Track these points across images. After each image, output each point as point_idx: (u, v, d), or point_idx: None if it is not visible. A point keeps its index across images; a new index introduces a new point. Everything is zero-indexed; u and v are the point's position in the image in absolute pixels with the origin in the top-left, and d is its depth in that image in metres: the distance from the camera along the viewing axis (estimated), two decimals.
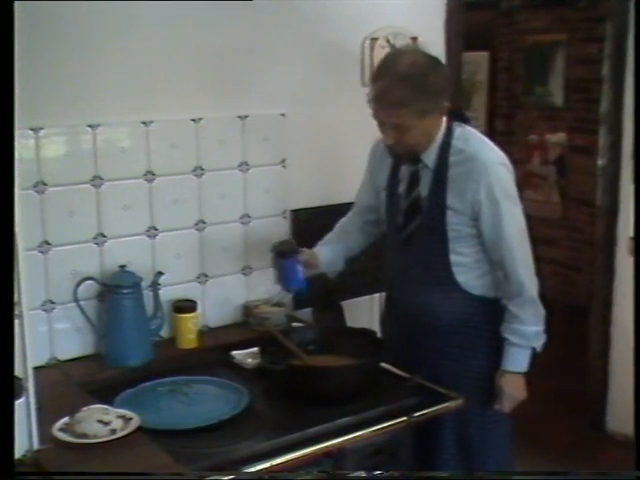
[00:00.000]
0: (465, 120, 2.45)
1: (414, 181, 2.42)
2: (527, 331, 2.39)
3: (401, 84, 2.22)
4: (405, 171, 2.45)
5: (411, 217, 2.43)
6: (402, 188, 2.46)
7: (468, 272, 2.40)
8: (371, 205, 2.61)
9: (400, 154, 2.40)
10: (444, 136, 2.36)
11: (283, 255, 2.50)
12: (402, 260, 2.48)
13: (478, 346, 2.45)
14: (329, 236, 2.66)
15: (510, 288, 2.39)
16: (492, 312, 2.44)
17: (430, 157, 2.36)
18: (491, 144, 2.39)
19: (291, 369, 2.25)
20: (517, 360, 2.41)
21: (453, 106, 2.44)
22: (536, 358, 2.43)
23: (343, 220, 2.70)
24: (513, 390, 2.43)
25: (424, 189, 2.39)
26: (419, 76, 2.24)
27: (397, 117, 2.26)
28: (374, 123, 2.54)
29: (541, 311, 2.42)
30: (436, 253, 2.39)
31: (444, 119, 2.37)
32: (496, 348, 2.44)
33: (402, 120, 2.26)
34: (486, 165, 2.32)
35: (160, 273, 2.62)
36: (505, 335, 2.41)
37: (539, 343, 2.42)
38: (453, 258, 2.38)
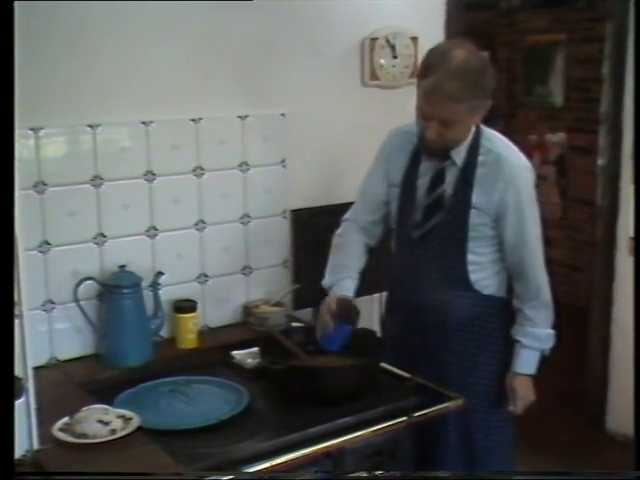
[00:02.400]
0: (495, 121, 2.45)
1: (439, 178, 2.40)
2: (540, 333, 2.41)
3: (458, 78, 2.19)
4: (427, 167, 2.41)
5: (432, 214, 2.40)
6: (422, 184, 2.42)
7: (481, 271, 2.40)
8: (382, 200, 2.53)
9: (435, 149, 2.34)
10: (474, 134, 2.36)
11: (346, 321, 2.38)
12: (415, 256, 2.46)
13: (485, 345, 2.45)
14: (343, 261, 2.51)
15: (527, 291, 2.41)
16: (500, 312, 2.44)
17: (460, 155, 2.35)
18: (515, 147, 2.40)
19: (291, 369, 2.24)
20: (528, 362, 2.42)
21: None
22: (544, 363, 2.46)
23: (344, 234, 2.57)
24: (525, 392, 2.44)
25: (449, 187, 2.38)
26: (475, 72, 2.23)
27: (449, 112, 2.22)
28: (374, 123, 2.55)
29: (552, 315, 2.44)
30: (453, 251, 2.38)
31: None
32: (502, 348, 2.45)
33: (453, 115, 2.23)
34: (515, 168, 2.33)
35: (160, 273, 2.62)
36: (518, 337, 2.42)
37: (549, 346, 2.44)
38: (470, 257, 2.38)
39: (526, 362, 2.42)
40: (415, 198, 2.43)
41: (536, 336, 2.41)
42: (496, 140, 2.39)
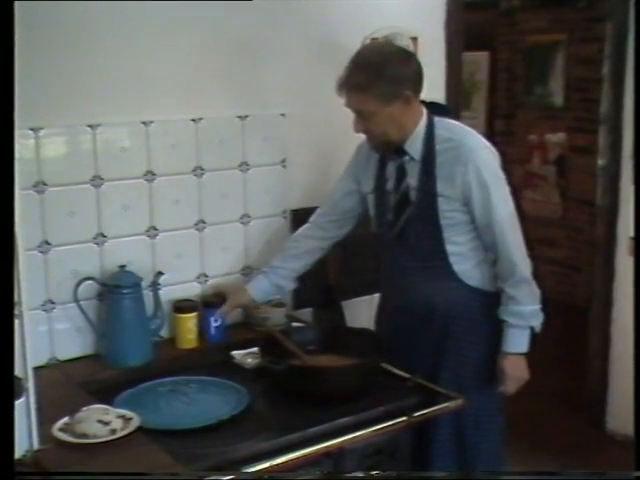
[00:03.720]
0: (445, 112, 2.48)
1: (401, 174, 2.44)
2: (524, 311, 2.40)
3: (360, 70, 2.31)
4: (391, 168, 2.47)
5: (401, 210, 2.45)
6: (390, 185, 2.48)
7: (464, 262, 2.42)
8: (346, 205, 2.63)
9: (375, 145, 2.44)
10: (426, 127, 2.40)
11: (204, 305, 2.68)
12: (396, 255, 2.49)
13: (475, 339, 2.46)
14: (274, 262, 2.69)
15: (503, 269, 2.41)
16: (489, 306, 2.45)
17: (415, 148, 2.40)
18: (473, 131, 2.44)
19: (291, 369, 2.24)
20: (517, 341, 2.42)
21: (427, 98, 2.47)
22: (535, 338, 2.43)
23: (298, 234, 2.72)
24: (516, 371, 2.44)
25: (413, 180, 2.42)
26: (377, 63, 2.31)
27: (358, 102, 2.33)
28: None
29: (536, 290, 2.43)
30: (431, 243, 2.41)
31: (423, 111, 2.41)
32: (493, 342, 2.45)
33: (363, 105, 2.32)
34: (472, 149, 2.36)
35: (160, 273, 2.62)
36: (503, 317, 2.42)
37: (537, 322, 2.43)
38: (449, 248, 2.40)
39: (515, 341, 2.41)
40: (387, 200, 2.49)
41: (520, 314, 2.39)
42: (452, 127, 2.42)
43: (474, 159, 2.34)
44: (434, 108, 2.46)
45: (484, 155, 2.37)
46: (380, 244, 2.58)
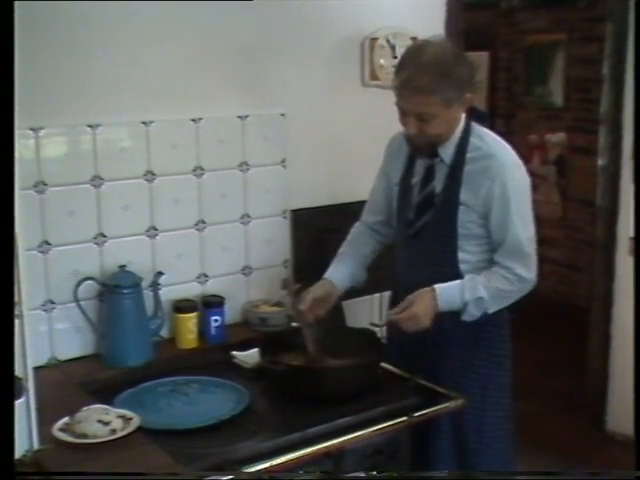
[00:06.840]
0: (482, 119, 2.45)
1: (429, 175, 2.41)
2: (483, 295, 2.31)
3: (427, 72, 2.22)
4: (420, 165, 2.44)
5: (423, 211, 2.42)
6: (416, 183, 2.45)
7: (474, 271, 2.38)
8: (385, 202, 2.58)
9: (420, 146, 2.36)
10: (462, 132, 2.36)
11: (204, 305, 2.69)
12: (410, 254, 2.47)
13: (479, 347, 2.44)
14: (342, 250, 2.59)
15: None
16: (495, 314, 2.43)
17: (447, 152, 2.36)
18: (508, 146, 2.39)
19: (291, 369, 2.25)
20: (451, 294, 2.32)
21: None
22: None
23: (352, 230, 2.64)
24: (422, 305, 2.32)
25: (438, 184, 2.39)
26: (444, 65, 2.25)
27: (422, 105, 2.25)
28: (374, 123, 2.55)
29: (506, 302, 2.38)
30: (444, 249, 2.38)
31: (463, 115, 2.37)
32: (497, 352, 2.45)
33: (427, 108, 2.25)
34: (503, 165, 2.32)
35: (160, 273, 2.62)
36: (472, 278, 2.34)
37: (471, 312, 2.34)
38: (461, 256, 2.38)
39: (450, 293, 2.32)
40: (410, 197, 2.46)
41: (477, 289, 2.31)
42: (486, 137, 2.39)
43: (503, 176, 2.30)
44: (472, 113, 2.41)
45: (513, 173, 2.33)
46: (397, 239, 2.55)
